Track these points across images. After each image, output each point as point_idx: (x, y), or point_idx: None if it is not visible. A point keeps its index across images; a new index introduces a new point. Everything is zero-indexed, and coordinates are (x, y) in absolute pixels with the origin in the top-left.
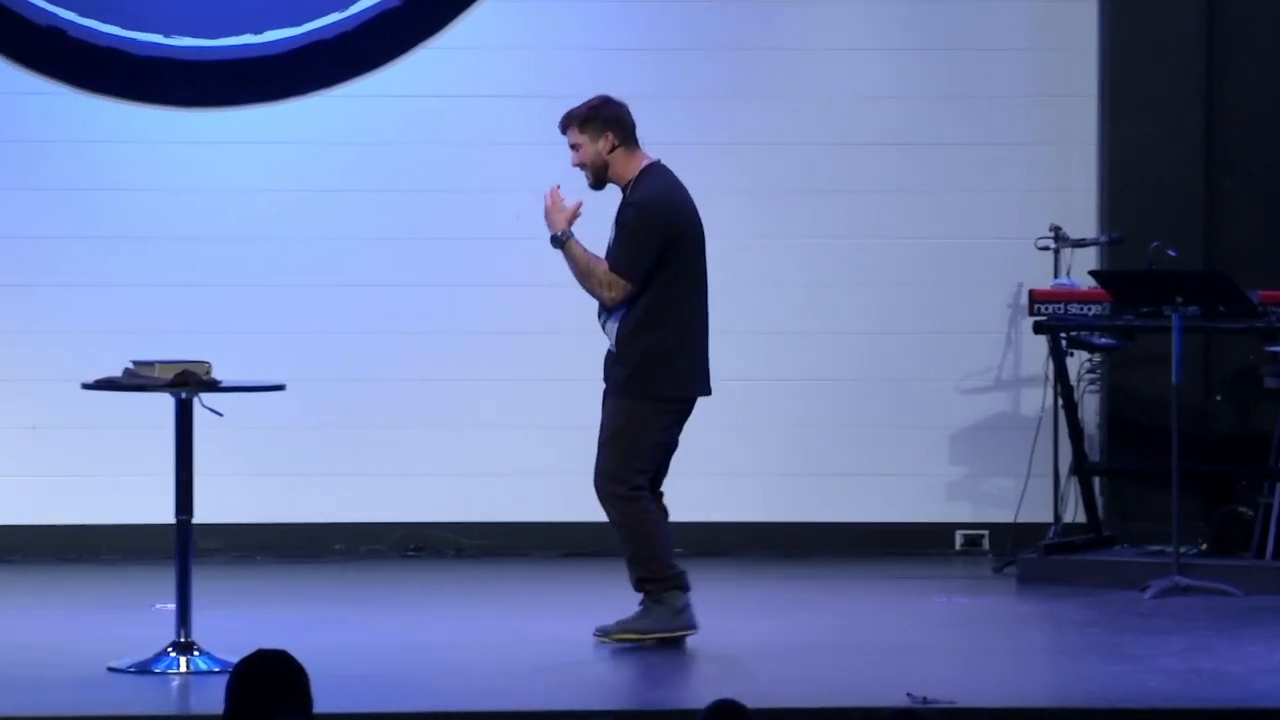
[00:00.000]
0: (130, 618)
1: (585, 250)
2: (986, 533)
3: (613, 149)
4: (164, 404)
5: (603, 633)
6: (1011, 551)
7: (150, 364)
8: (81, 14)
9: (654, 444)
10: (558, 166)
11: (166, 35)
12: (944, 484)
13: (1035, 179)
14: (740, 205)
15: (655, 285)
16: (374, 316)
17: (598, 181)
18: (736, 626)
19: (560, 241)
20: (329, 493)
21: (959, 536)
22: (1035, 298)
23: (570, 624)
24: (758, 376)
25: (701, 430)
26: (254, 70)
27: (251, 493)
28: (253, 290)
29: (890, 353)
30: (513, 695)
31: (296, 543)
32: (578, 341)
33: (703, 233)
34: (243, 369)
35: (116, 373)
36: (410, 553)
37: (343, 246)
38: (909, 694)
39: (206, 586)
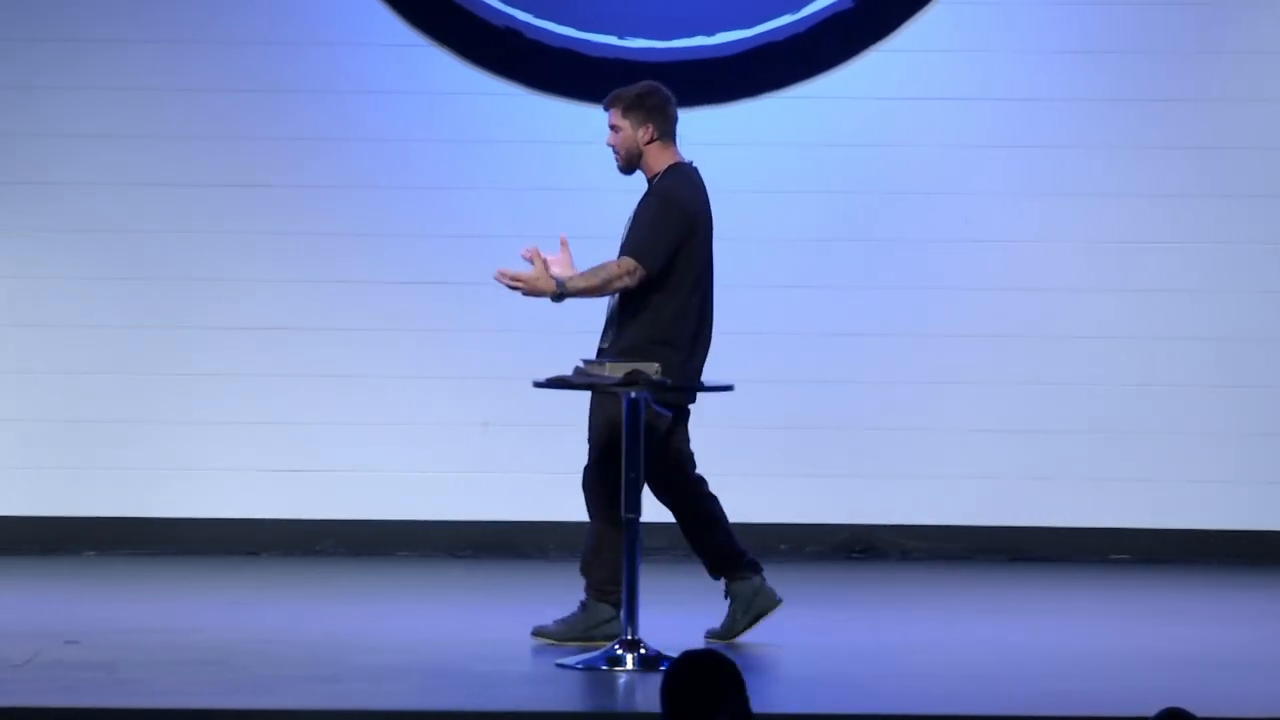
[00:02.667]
0: None
1: (581, 275)
2: None
3: (650, 140)
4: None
5: (713, 635)
6: None
7: (601, 363)
8: (537, 15)
9: (676, 440)
10: (1005, 168)
11: (620, 37)
12: None
13: None
14: (1186, 209)
15: (664, 283)
16: (818, 317)
17: (628, 166)
18: (1200, 635)
19: (560, 295)
20: (773, 493)
21: None
22: None
23: (1010, 628)
24: (1222, 383)
25: (1168, 436)
26: (706, 72)
27: None
28: None
29: None
30: (965, 699)
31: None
32: (1027, 345)
33: (712, 242)
34: None
35: (568, 371)
36: (855, 554)
37: (790, 248)
38: None
39: (652, 584)
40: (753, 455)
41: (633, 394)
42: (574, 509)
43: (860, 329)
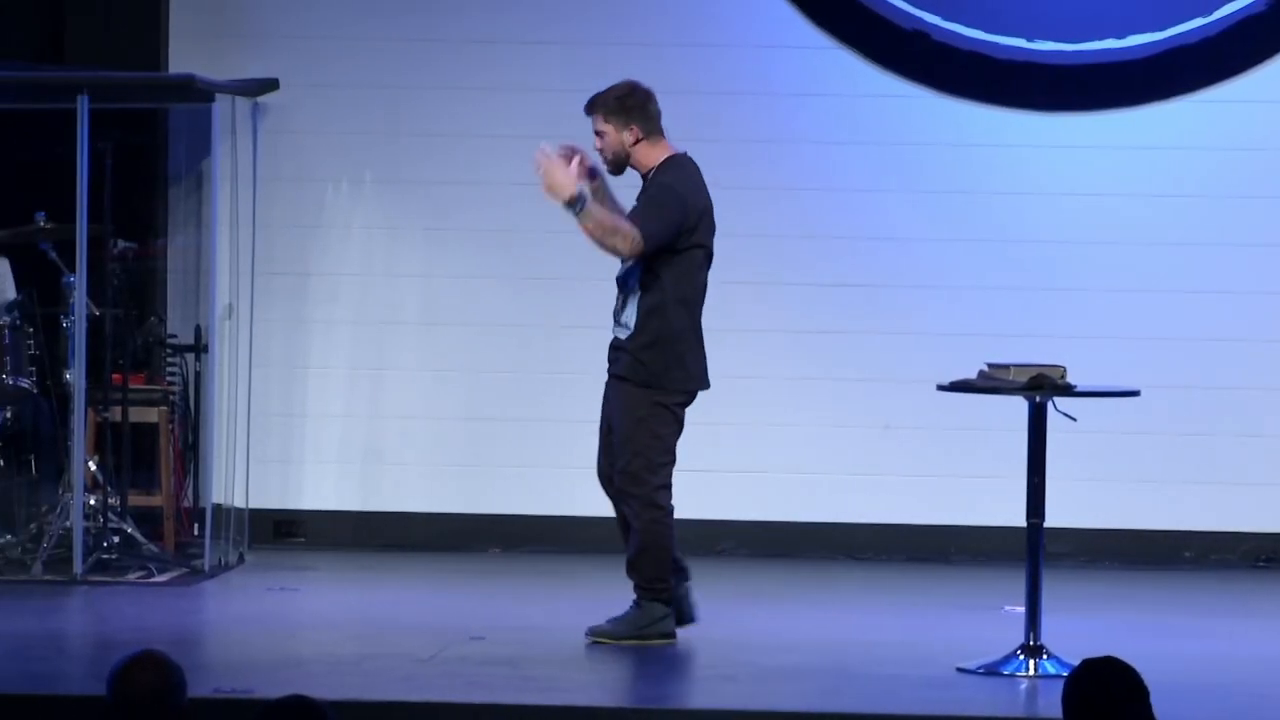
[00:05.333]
0: (979, 619)
1: (602, 211)
2: None
3: (637, 140)
4: (1017, 407)
5: (592, 631)
6: None
7: (1005, 367)
8: (945, 18)
9: (672, 435)
10: None
11: (1029, 40)
12: None
13: None
14: None
15: (674, 271)
16: (1225, 323)
17: (617, 168)
18: None
19: (579, 208)
20: (1178, 500)
21: None
22: None
23: None
24: None
25: None
26: (1115, 74)
27: (1101, 497)
28: (1106, 295)
29: None
30: None
31: (1145, 549)
32: None
33: (713, 234)
34: (1095, 373)
35: (970, 375)
36: (1260, 564)
37: (1198, 252)
38: None
39: (1056, 590)
40: (1157, 461)
41: (1037, 398)
42: (975, 513)
43: (1267, 334)
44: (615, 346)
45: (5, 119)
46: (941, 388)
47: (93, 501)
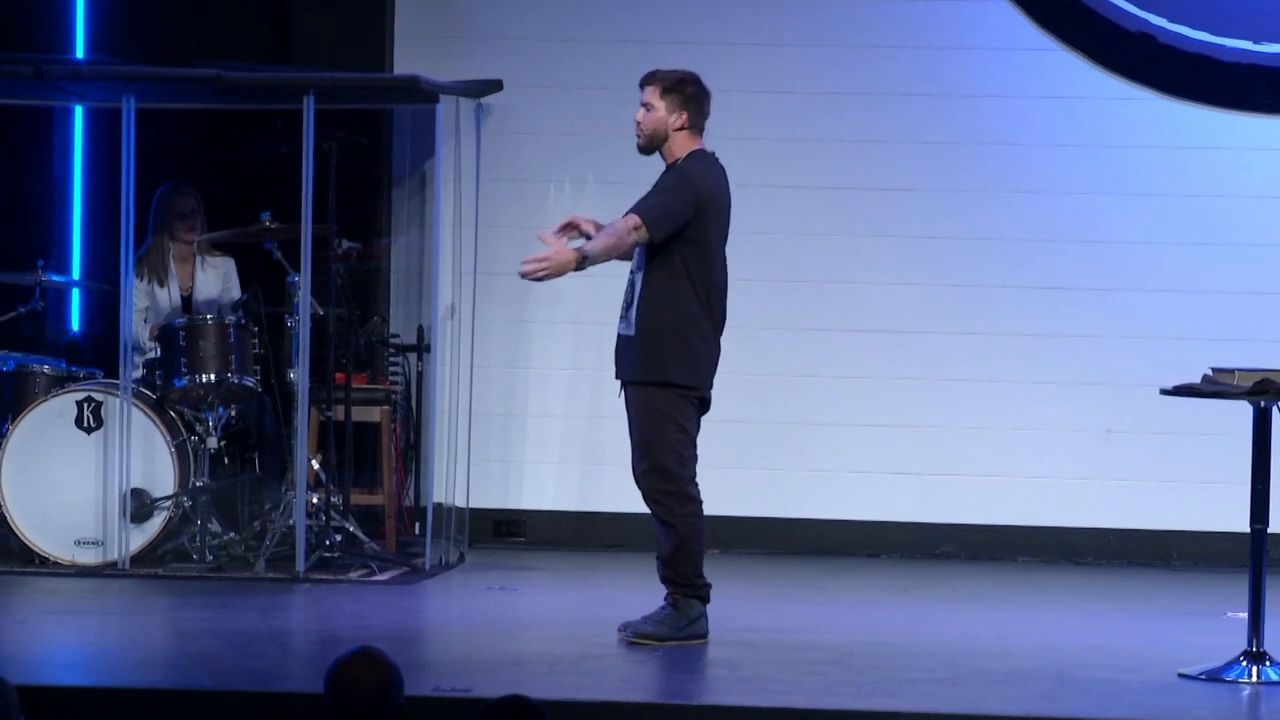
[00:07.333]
0: (1201, 624)
1: (597, 240)
2: None
3: (681, 127)
4: (1242, 411)
5: (624, 628)
6: None
7: (1229, 371)
8: (1171, 20)
9: (694, 427)
10: None
11: (1255, 42)
12: None
13: None
14: None
15: (681, 265)
16: None
17: (649, 145)
18: None
19: (583, 262)
20: None
21: None
22: None
23: None
24: None
25: None
26: None
27: None
28: None
29: None
30: None
31: None
32: None
33: (727, 228)
34: None
35: (1195, 379)
36: None
37: None
38: None
39: (1279, 596)
40: None
41: (1262, 403)
42: (1198, 517)
43: None
44: (621, 348)
45: (233, 119)
46: (1165, 392)
47: (315, 500)
